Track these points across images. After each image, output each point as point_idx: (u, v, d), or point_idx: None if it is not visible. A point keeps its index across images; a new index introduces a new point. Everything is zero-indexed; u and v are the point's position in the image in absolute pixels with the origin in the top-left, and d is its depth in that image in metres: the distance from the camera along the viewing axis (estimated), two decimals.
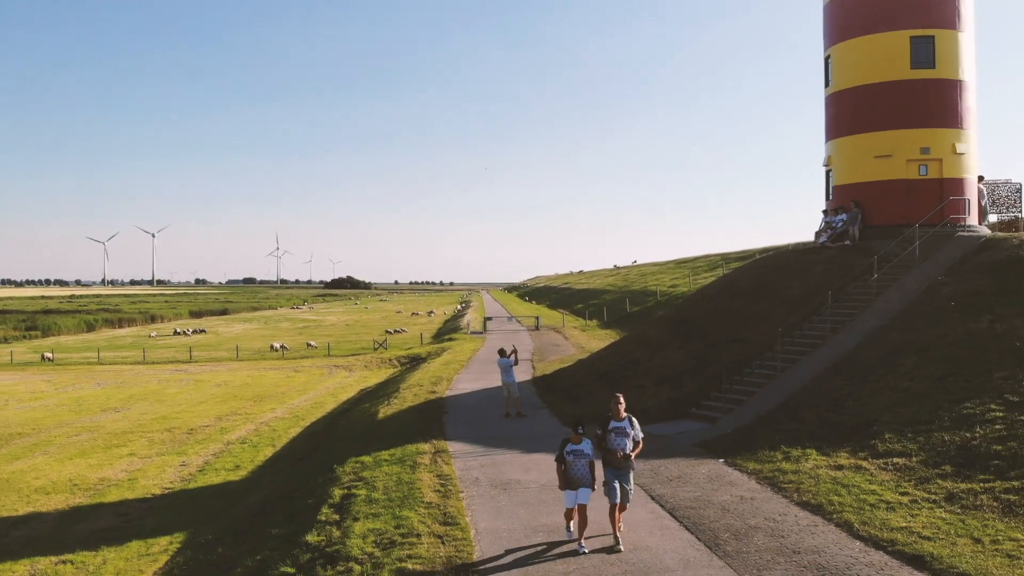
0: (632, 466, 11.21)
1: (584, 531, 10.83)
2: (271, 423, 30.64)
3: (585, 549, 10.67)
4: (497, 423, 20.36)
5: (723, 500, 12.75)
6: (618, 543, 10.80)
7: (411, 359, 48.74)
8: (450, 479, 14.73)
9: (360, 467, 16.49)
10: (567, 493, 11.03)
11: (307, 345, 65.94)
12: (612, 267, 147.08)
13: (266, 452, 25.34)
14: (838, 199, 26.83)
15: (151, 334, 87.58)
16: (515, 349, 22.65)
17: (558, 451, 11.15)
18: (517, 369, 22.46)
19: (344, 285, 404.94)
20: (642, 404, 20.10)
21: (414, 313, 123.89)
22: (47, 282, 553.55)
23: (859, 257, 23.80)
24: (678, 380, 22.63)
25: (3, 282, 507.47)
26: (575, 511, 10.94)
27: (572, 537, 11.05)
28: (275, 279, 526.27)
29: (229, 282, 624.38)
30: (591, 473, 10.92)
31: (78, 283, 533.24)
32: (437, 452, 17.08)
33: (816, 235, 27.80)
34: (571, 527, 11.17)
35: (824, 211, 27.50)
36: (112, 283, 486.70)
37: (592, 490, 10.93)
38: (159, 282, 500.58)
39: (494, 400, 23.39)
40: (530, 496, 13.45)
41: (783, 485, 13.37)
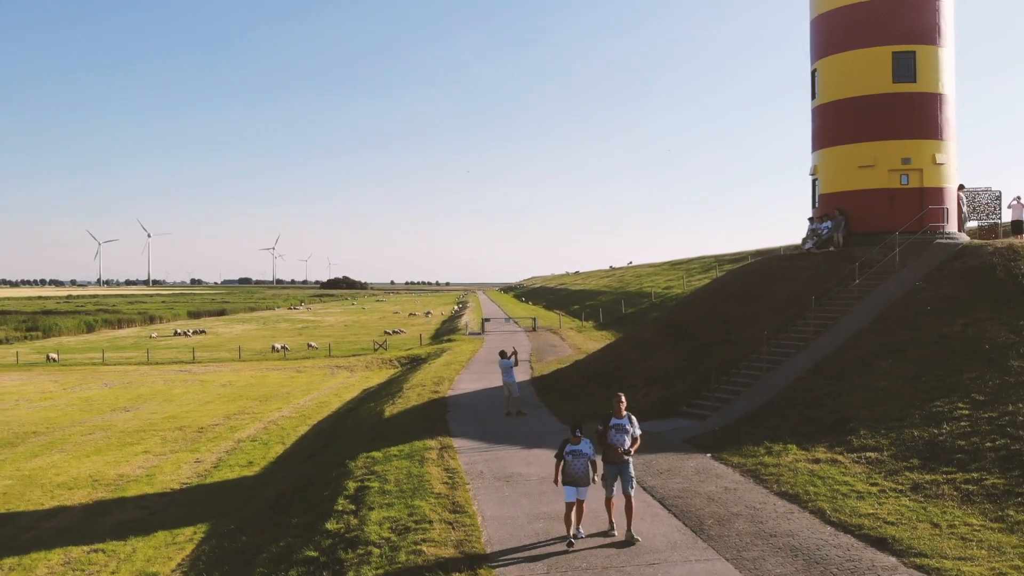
0: (630, 461, 11.92)
1: (580, 521, 11.71)
2: (279, 422, 31.74)
3: (583, 534, 11.68)
4: (498, 421, 21.47)
5: (709, 490, 13.91)
6: (611, 528, 11.82)
7: (411, 360, 49.83)
8: (457, 472, 15.85)
9: (371, 462, 17.58)
10: (566, 489, 11.65)
11: (308, 346, 66.97)
12: (608, 268, 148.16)
13: (277, 449, 26.45)
14: (823, 207, 28.01)
15: (152, 335, 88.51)
16: (515, 351, 23.78)
17: (558, 451, 11.82)
18: (517, 370, 23.56)
19: (340, 285, 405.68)
20: (636, 403, 21.12)
21: (411, 314, 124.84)
22: (43, 282, 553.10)
23: (842, 263, 24.98)
24: (670, 380, 23.77)
25: None
26: (574, 508, 11.63)
27: (570, 541, 11.46)
28: (271, 279, 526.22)
29: (225, 282, 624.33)
30: (590, 471, 11.64)
31: (74, 283, 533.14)
32: (443, 448, 18.19)
33: (802, 241, 28.98)
34: (570, 533, 11.61)
35: (810, 218, 28.68)
36: (108, 283, 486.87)
37: (588, 486, 11.67)
38: (155, 282, 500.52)
39: (495, 399, 24.51)
40: (531, 487, 14.57)
41: (764, 477, 14.54)
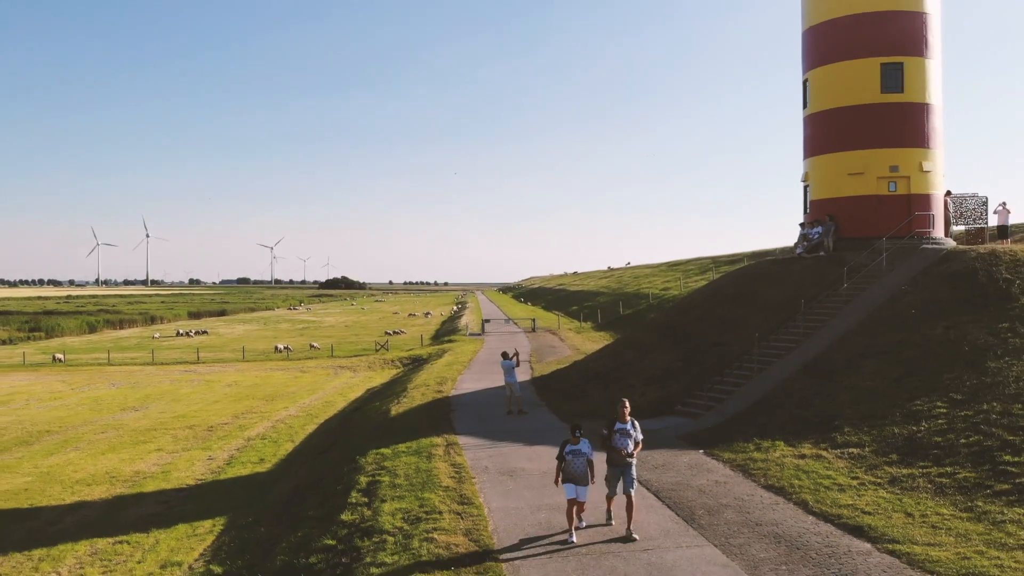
0: (633, 463, 12.45)
1: (580, 517, 12.46)
2: (286, 420, 32.65)
3: (584, 524, 12.54)
4: (501, 419, 22.38)
5: (700, 484, 14.84)
6: (609, 519, 12.65)
7: (413, 360, 50.73)
8: (463, 467, 16.75)
9: (381, 458, 18.48)
10: (566, 486, 12.15)
11: (310, 346, 67.86)
12: (606, 268, 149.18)
13: (286, 447, 27.35)
14: (814, 213, 28.96)
15: (154, 335, 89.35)
16: (516, 352, 24.70)
17: (559, 451, 12.34)
18: (517, 370, 24.43)
19: (339, 285, 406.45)
20: (633, 402, 21.92)
21: (411, 314, 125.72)
22: (41, 282, 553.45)
23: (832, 267, 25.92)
24: (666, 380, 24.68)
25: None
26: (574, 504, 12.21)
27: (572, 540, 11.91)
28: (269, 279, 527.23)
29: (223, 282, 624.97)
30: (589, 471, 12.17)
31: (72, 283, 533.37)
32: (449, 445, 19.09)
33: (794, 246, 29.93)
34: (573, 534, 12.07)
35: (801, 224, 29.62)
36: (106, 283, 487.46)
37: (589, 485, 12.30)
38: (153, 282, 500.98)
39: (497, 399, 25.42)
40: (533, 481, 15.48)
41: (753, 471, 15.47)
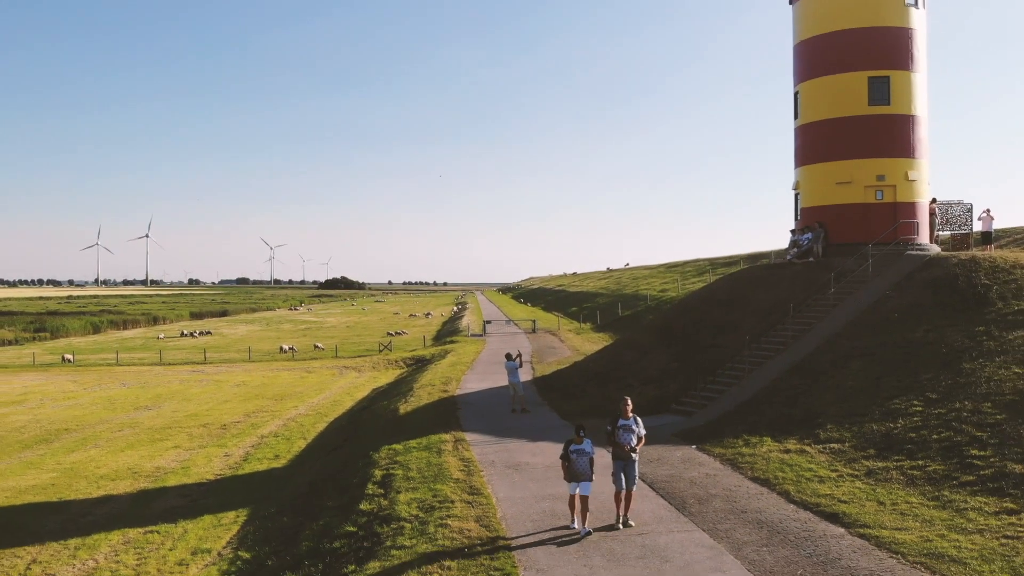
0: (636, 458, 13.28)
1: (586, 517, 12.67)
2: (297, 419, 33.85)
3: (589, 530, 12.59)
4: (505, 417, 23.58)
5: (692, 476, 16.06)
6: (617, 522, 12.86)
7: (416, 360, 51.93)
8: (471, 461, 17.96)
9: (393, 453, 19.69)
10: (571, 484, 12.77)
11: (314, 347, 69.06)
12: (605, 269, 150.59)
13: (299, 444, 28.54)
14: (805, 220, 30.18)
15: (159, 336, 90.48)
16: (520, 353, 25.94)
17: (563, 450, 12.90)
18: (520, 371, 25.68)
19: (338, 285, 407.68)
20: (630, 400, 23.36)
21: (412, 315, 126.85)
22: (40, 282, 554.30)
23: (820, 272, 27.14)
24: (662, 380, 25.91)
25: None
26: (577, 500, 12.69)
27: (574, 526, 12.72)
28: (269, 279, 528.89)
29: (222, 282, 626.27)
30: (591, 468, 12.71)
31: (71, 283, 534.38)
32: (457, 441, 20.30)
33: (785, 251, 31.17)
34: (574, 519, 12.79)
35: (792, 230, 30.84)
36: (105, 283, 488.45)
37: (591, 482, 12.70)
38: (153, 282, 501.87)
39: (501, 398, 26.63)
40: (537, 474, 16.69)
41: (741, 465, 16.69)
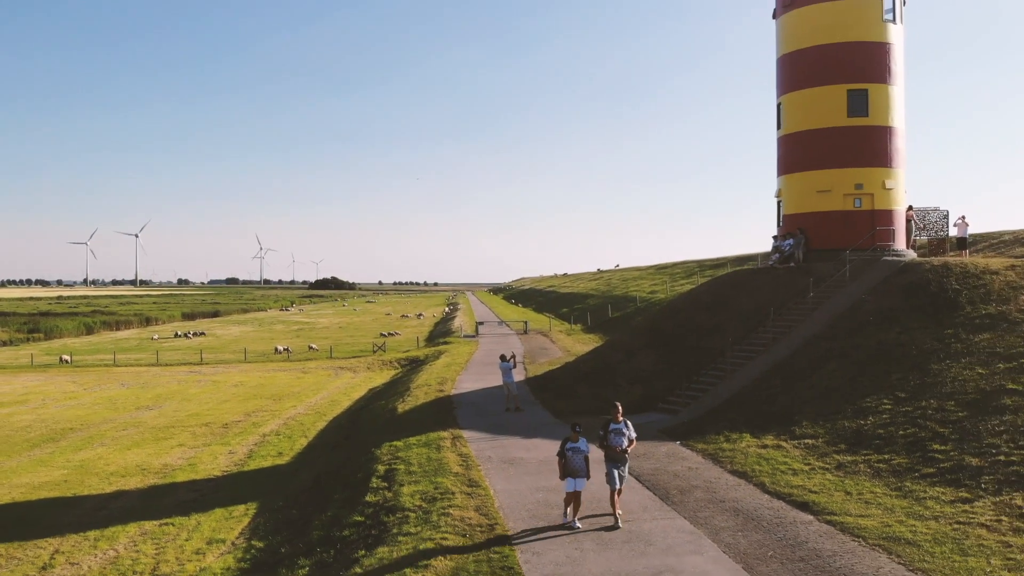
0: (627, 459, 14.17)
1: (579, 512, 13.45)
2: (297, 418, 34.88)
3: (579, 526, 13.26)
4: (500, 415, 24.70)
5: (675, 469, 17.24)
6: (617, 523, 13.34)
7: (410, 361, 52.95)
8: (469, 457, 19.08)
9: (394, 449, 20.78)
10: (567, 480, 13.38)
11: (309, 348, 69.98)
12: (596, 271, 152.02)
13: (301, 442, 29.58)
14: (786, 226, 31.44)
15: (153, 336, 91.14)
16: (514, 354, 27.09)
17: (560, 447, 13.52)
18: (514, 371, 26.82)
19: (329, 286, 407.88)
20: (620, 400, 24.35)
21: (403, 315, 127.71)
22: (29, 282, 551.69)
23: (801, 277, 28.40)
24: (649, 380, 27.09)
25: None
26: (572, 496, 13.36)
27: (567, 520, 13.38)
28: (258, 279, 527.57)
29: (212, 282, 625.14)
30: (586, 466, 13.42)
31: (60, 283, 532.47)
32: (455, 438, 21.41)
33: (768, 256, 32.43)
34: (568, 512, 13.45)
35: (774, 236, 32.11)
36: (94, 283, 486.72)
37: (587, 479, 13.42)
38: (142, 282, 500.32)
39: (495, 397, 27.76)
40: (531, 468, 17.82)
41: (721, 459, 17.89)
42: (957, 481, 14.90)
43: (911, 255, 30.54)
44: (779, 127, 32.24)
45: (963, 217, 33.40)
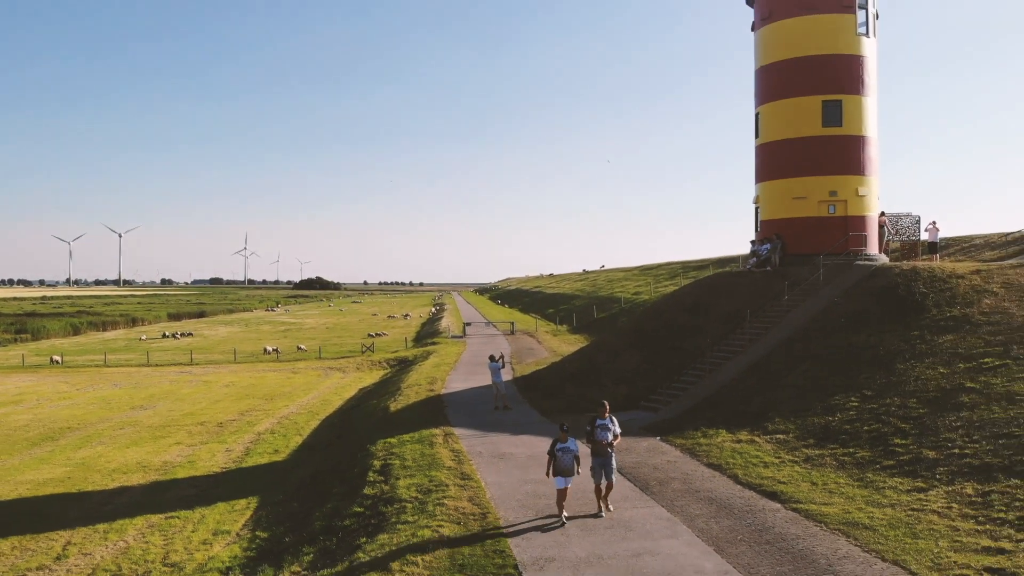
0: (612, 453, 15.06)
1: (565, 507, 14.87)
2: (290, 417, 35.80)
3: (565, 516, 14.21)
4: (489, 413, 25.76)
5: (655, 462, 18.39)
6: (600, 511, 14.45)
7: (399, 362, 53.91)
8: (460, 452, 20.14)
9: (389, 446, 21.81)
10: (557, 479, 14.13)
11: (297, 348, 70.76)
12: (581, 271, 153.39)
13: (296, 440, 30.52)
14: (764, 231, 32.71)
15: (141, 337, 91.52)
16: (503, 355, 28.17)
17: (550, 447, 14.30)
18: (502, 371, 27.89)
19: (314, 286, 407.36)
20: (605, 398, 25.47)
21: (390, 316, 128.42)
22: (11, 282, 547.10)
23: (777, 281, 29.65)
24: (633, 380, 28.23)
25: None
26: (563, 493, 14.07)
27: (562, 519, 14.10)
28: (243, 279, 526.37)
29: (195, 282, 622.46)
30: (576, 464, 14.26)
31: (42, 283, 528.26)
32: (447, 435, 22.46)
33: (745, 260, 33.69)
34: (562, 511, 14.20)
35: (752, 241, 33.37)
36: (77, 283, 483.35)
37: (575, 476, 14.19)
38: (125, 282, 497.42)
39: (484, 396, 28.82)
40: (520, 462, 18.91)
41: (698, 453, 19.05)
42: (914, 472, 16.10)
43: (883, 259, 31.86)
44: (757, 136, 33.49)
45: (934, 222, 34.82)
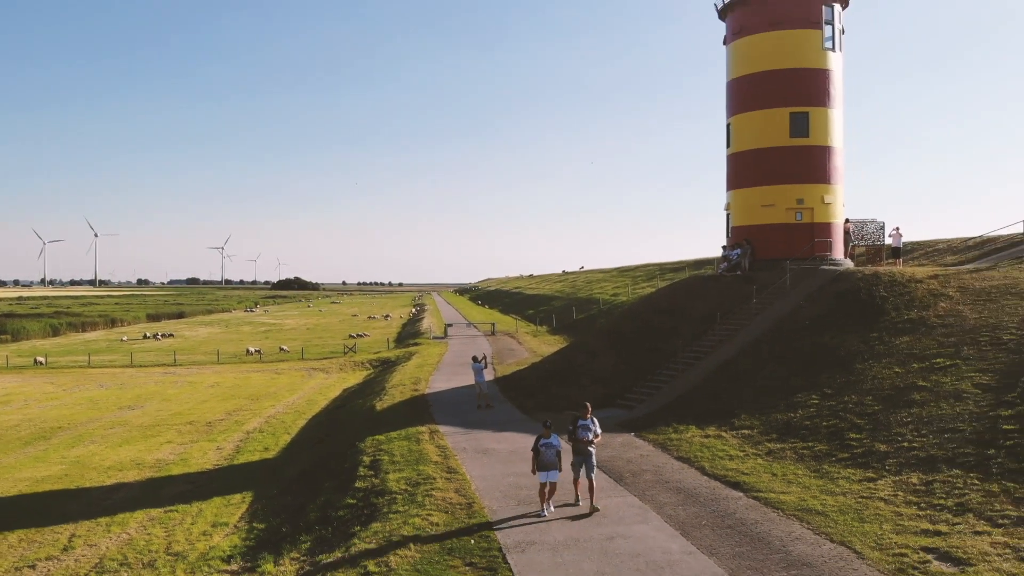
0: (592, 452, 16.11)
1: (553, 498, 15.19)
2: (277, 416, 36.77)
3: (552, 508, 15.16)
4: (472, 412, 26.95)
5: (629, 456, 19.68)
6: (577, 500, 15.58)
7: (382, 362, 54.90)
8: (446, 448, 21.31)
9: (377, 443, 22.93)
10: (540, 473, 14.99)
11: (280, 349, 71.51)
12: (561, 272, 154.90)
13: (284, 438, 31.52)
14: (734, 237, 34.15)
15: (122, 338, 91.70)
16: (485, 355, 29.39)
17: (534, 444, 15.12)
18: (485, 371, 29.09)
19: (292, 286, 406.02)
20: (583, 397, 26.78)
21: (371, 316, 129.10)
22: None
23: (746, 285, 31.07)
24: (610, 379, 29.52)
25: None
26: (546, 487, 14.96)
27: (544, 514, 14.87)
28: (220, 280, 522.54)
29: (172, 282, 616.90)
30: (558, 460, 15.08)
31: (17, 283, 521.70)
32: (432, 432, 23.62)
33: (716, 264, 35.14)
34: (543, 504, 14.99)
35: (723, 246, 34.82)
36: (52, 283, 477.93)
37: (559, 471, 15.09)
38: (101, 282, 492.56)
39: (467, 395, 30.01)
40: (503, 457, 20.12)
41: (669, 447, 20.37)
42: (866, 464, 17.49)
43: (848, 264, 33.41)
44: (728, 145, 34.94)
45: (897, 228, 36.43)
